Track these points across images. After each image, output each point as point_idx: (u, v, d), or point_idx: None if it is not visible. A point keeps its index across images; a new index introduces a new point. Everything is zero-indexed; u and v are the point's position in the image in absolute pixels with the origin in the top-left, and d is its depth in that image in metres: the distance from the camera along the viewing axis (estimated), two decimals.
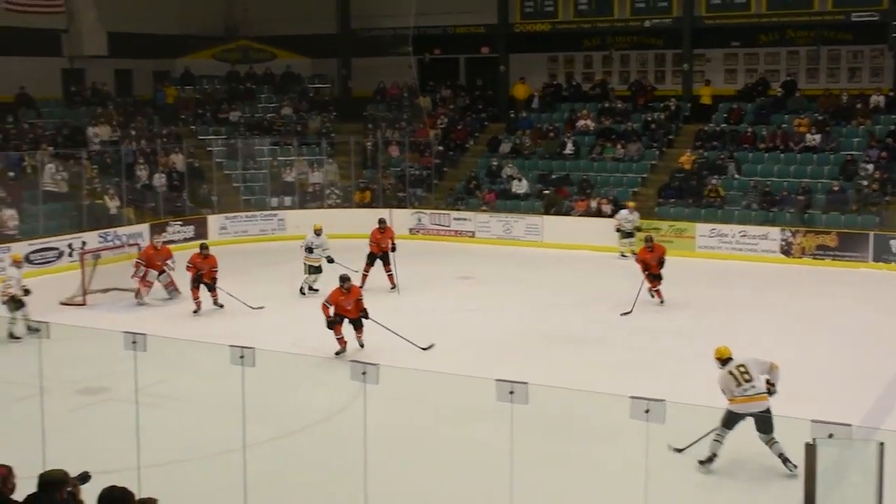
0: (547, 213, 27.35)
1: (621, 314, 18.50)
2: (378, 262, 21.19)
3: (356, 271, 20.24)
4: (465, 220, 28.10)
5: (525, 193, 28.48)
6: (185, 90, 33.50)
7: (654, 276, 19.32)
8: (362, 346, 15.91)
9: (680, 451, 11.04)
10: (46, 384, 10.41)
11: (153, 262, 20.27)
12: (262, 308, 19.21)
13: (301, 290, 20.63)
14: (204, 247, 19.96)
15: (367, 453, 8.79)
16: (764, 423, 10.71)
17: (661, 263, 19.50)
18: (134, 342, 11.12)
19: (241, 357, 8.76)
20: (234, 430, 9.35)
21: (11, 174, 25.42)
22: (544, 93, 32.32)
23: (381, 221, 21.79)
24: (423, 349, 15.43)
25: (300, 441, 12.26)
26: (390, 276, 21.04)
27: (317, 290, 20.27)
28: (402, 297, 20.64)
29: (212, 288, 19.33)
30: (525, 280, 22.33)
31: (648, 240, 20.05)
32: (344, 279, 15.92)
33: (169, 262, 20.36)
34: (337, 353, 15.59)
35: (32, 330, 16.21)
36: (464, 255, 25.85)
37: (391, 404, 11.55)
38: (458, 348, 16.28)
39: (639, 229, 24.39)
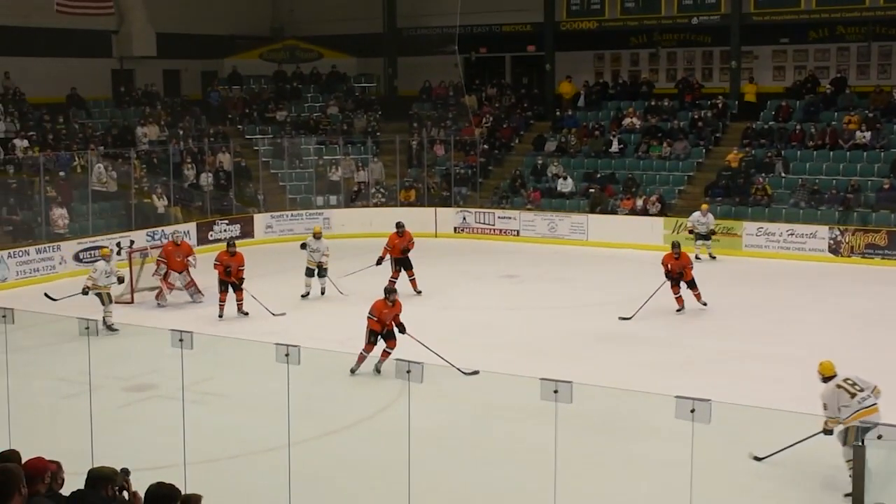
0: (592, 211, 27.21)
1: (620, 317, 17.95)
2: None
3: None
4: (509, 218, 28.05)
5: (570, 192, 28.36)
6: (232, 90, 33.76)
7: (675, 281, 18.60)
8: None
9: (760, 459, 10.96)
10: (94, 381, 10.53)
11: (172, 259, 19.91)
12: (283, 315, 18.56)
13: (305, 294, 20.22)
14: (231, 244, 19.49)
15: (411, 452, 8.80)
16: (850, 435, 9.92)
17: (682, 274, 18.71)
18: (181, 340, 11.22)
19: (287, 355, 8.81)
20: (279, 428, 9.41)
21: (62, 174, 25.74)
22: (590, 91, 32.18)
23: (399, 225, 21.24)
24: (466, 374, 14.09)
25: (345, 439, 12.30)
26: (413, 281, 20.65)
27: (307, 295, 20.16)
28: (448, 295, 20.62)
29: (238, 288, 18.72)
30: (570, 279, 22.24)
31: (675, 246, 19.19)
32: (390, 291, 15.23)
33: (190, 258, 19.97)
34: (352, 371, 14.57)
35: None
36: (509, 253, 25.80)
37: (435, 403, 11.58)
38: (503, 347, 16.26)
39: (713, 232, 24.04)
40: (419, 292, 20.47)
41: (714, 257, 23.92)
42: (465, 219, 28.65)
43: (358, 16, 34.26)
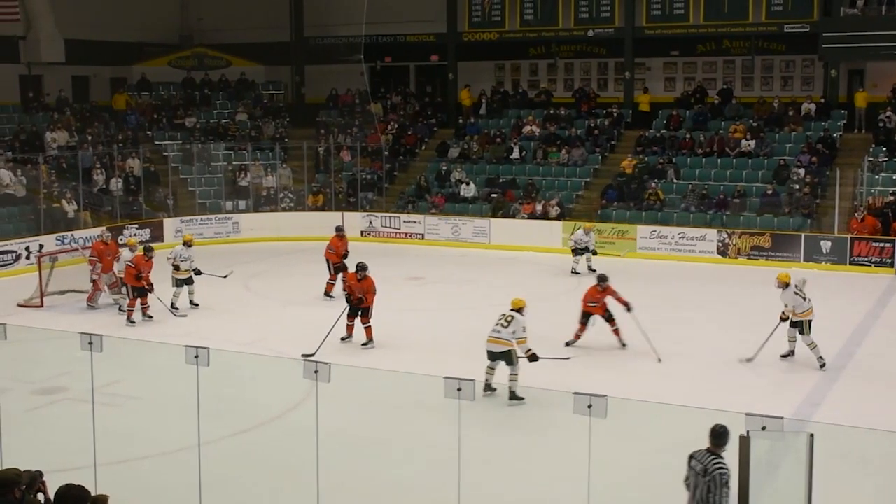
0: (494, 215, 27.40)
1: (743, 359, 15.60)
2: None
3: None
4: (414, 222, 28.08)
5: (473, 197, 28.52)
6: (141, 96, 33.18)
7: (606, 318, 16.55)
8: (369, 340, 16.43)
9: (750, 359, 14.92)
10: (3, 384, 10.26)
11: (104, 257, 19.49)
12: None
13: (172, 305, 18.95)
14: (149, 249, 18.84)
15: (320, 451, 8.76)
16: (806, 328, 14.96)
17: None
18: (90, 343, 10.99)
19: (196, 357, 8.71)
20: (189, 429, 9.28)
21: None
22: (491, 99, 32.40)
23: (339, 229, 21.14)
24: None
25: (254, 439, 12.17)
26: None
27: (197, 305, 19.35)
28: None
29: (143, 293, 18.18)
30: (473, 281, 22.36)
31: (602, 279, 16.62)
32: (361, 267, 16.60)
33: (118, 257, 19.53)
34: (343, 339, 16.54)
35: (193, 304, 19.17)
36: (414, 256, 25.82)
37: (342, 402, 11.53)
38: (408, 347, 16.28)
39: (594, 253, 23.24)
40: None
41: (593, 270, 22.25)
42: (371, 223, 28.60)
43: (266, 24, 33.99)
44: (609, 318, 16.34)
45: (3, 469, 6.73)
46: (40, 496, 6.97)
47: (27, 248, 23.60)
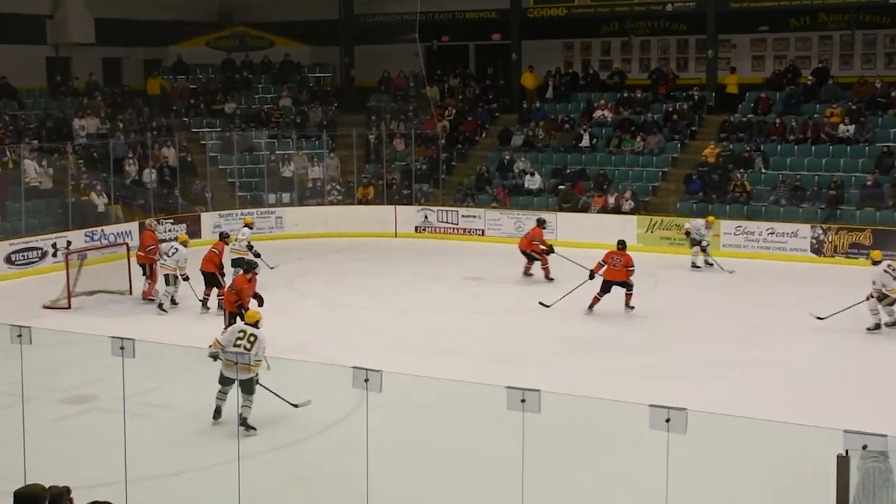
0: (562, 209, 27.31)
1: (815, 316, 17.86)
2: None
3: (272, 267, 21.49)
4: (474, 217, 28.08)
5: (538, 189, 28.45)
6: (177, 80, 33.55)
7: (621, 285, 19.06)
8: None
9: (822, 318, 16.95)
10: (28, 392, 10.41)
11: (158, 247, 20.35)
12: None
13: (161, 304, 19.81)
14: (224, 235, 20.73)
15: (370, 465, 8.78)
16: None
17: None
18: (122, 348, 11.10)
19: (236, 364, 8.77)
20: (229, 441, 9.35)
21: None
22: (559, 82, 32.28)
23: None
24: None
25: (299, 453, 12.24)
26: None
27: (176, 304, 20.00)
28: (408, 299, 20.63)
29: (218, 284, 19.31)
30: (538, 281, 22.29)
31: (621, 244, 19.53)
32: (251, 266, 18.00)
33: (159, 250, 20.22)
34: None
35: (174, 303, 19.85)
36: (473, 254, 25.81)
37: (395, 412, 11.54)
38: (467, 353, 16.27)
39: (704, 249, 23.33)
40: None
41: (711, 264, 23.22)
42: (426, 217, 28.64)
43: (312, 1, 34.13)
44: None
45: (28, 485, 6.79)
46: None
47: (54, 245, 23.97)
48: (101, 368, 12.28)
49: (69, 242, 23.81)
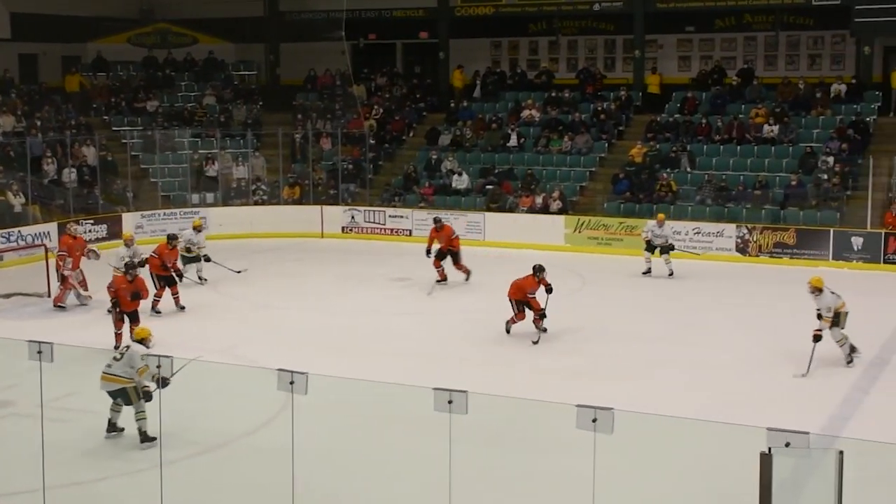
0: (489, 209, 27.40)
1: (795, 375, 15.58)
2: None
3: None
4: (401, 217, 28.06)
5: (466, 189, 28.52)
6: (97, 77, 33.10)
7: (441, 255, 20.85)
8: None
9: (804, 375, 14.86)
10: None
11: (73, 252, 19.81)
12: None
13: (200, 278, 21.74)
14: (172, 237, 20.20)
15: (296, 469, 8.75)
16: (843, 320, 15.55)
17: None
18: (39, 351, 10.93)
19: (158, 367, 8.70)
20: (150, 448, 9.25)
21: None
22: (486, 81, 32.40)
23: (437, 220, 22.67)
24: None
25: (222, 458, 12.13)
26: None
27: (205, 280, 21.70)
28: (335, 301, 20.59)
29: (172, 282, 19.51)
30: (466, 281, 22.33)
31: (437, 220, 22.23)
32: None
33: (87, 252, 20.03)
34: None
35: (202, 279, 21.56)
36: (400, 255, 25.79)
37: (321, 415, 11.51)
38: (394, 354, 16.27)
39: (672, 246, 22.77)
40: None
41: (671, 273, 22.58)
42: (353, 218, 28.56)
43: None
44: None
45: None
46: None
47: None
48: (17, 373, 12.11)
49: None
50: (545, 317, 17.20)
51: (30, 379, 11.93)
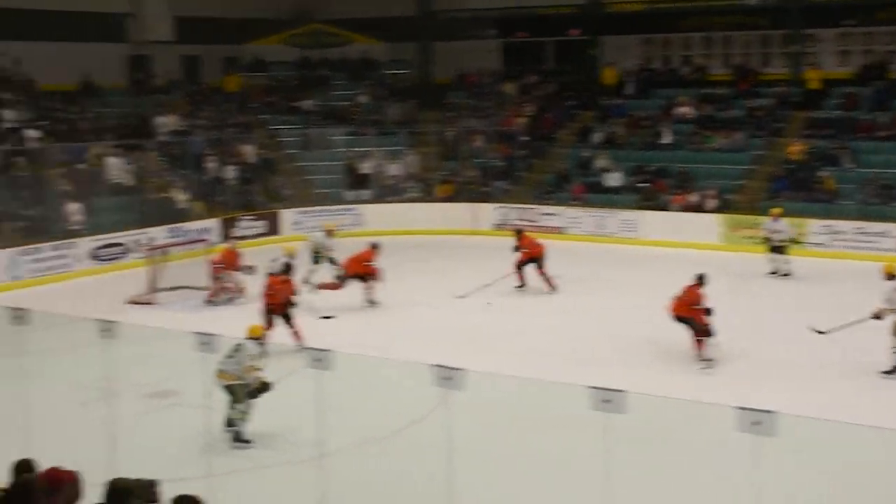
0: (642, 207, 27.15)
1: (815, 329, 16.34)
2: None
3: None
4: (553, 214, 28.02)
5: (618, 186, 28.31)
6: (255, 77, 33.94)
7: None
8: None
9: (822, 332, 14.95)
10: (114, 387, 10.62)
11: (232, 264, 20.46)
12: (332, 317, 18.86)
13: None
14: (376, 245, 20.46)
15: (453, 464, 8.80)
16: None
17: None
18: (205, 343, 11.28)
19: (319, 360, 8.83)
20: (311, 438, 9.43)
21: (81, 166, 25.97)
22: (639, 78, 32.05)
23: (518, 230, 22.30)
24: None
25: (380, 450, 12.31)
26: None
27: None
28: (486, 298, 20.64)
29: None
30: (619, 280, 22.15)
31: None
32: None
33: (244, 267, 20.56)
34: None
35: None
36: (552, 252, 25.65)
37: (477, 413, 11.56)
38: (546, 353, 16.24)
39: (792, 241, 22.42)
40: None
41: (787, 274, 22.17)
42: (505, 215, 28.62)
43: None
44: None
45: (118, 478, 6.93)
46: None
47: (136, 241, 24.39)
48: (183, 364, 12.50)
49: (151, 239, 24.21)
50: (709, 334, 15.48)
51: (195, 370, 12.37)
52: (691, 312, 15.51)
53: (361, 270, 19.93)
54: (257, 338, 12.91)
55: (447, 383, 8.43)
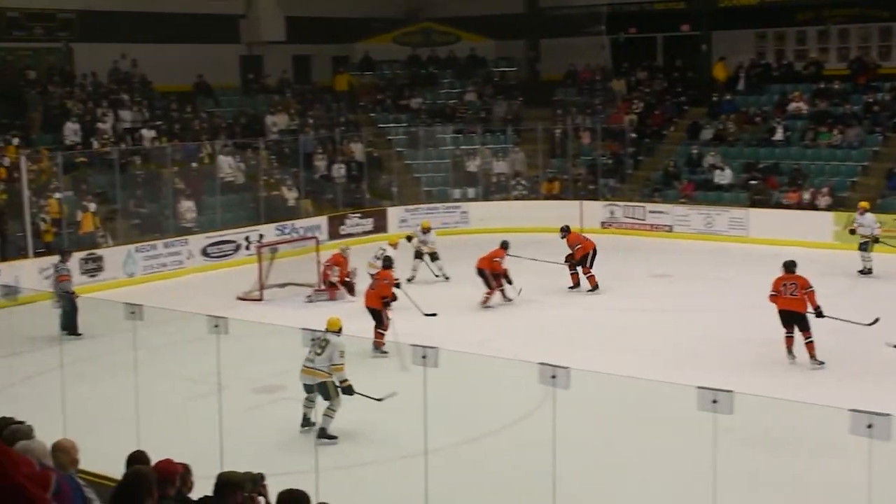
0: (753, 205, 26.67)
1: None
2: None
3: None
4: (662, 213, 27.75)
5: (729, 184, 27.88)
6: (364, 76, 34.24)
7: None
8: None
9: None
10: (223, 381, 10.80)
11: (344, 269, 20.73)
12: (434, 315, 18.79)
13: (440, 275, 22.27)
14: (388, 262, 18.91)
15: (557, 464, 8.75)
16: None
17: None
18: (312, 340, 11.42)
19: (424, 357, 8.84)
20: (416, 434, 9.46)
21: (194, 164, 26.55)
22: (751, 73, 31.49)
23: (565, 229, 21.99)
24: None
25: (485, 447, 12.33)
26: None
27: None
28: (594, 297, 20.52)
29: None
30: (728, 279, 21.81)
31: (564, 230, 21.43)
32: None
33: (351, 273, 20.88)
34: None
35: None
36: (660, 251, 25.47)
37: (581, 410, 11.48)
38: (654, 352, 16.07)
39: (876, 240, 21.85)
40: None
41: (869, 271, 21.70)
42: (612, 213, 28.44)
43: None
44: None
45: (228, 471, 7.07)
46: (261, 500, 7.30)
47: (247, 238, 24.82)
48: (291, 359, 12.67)
49: (261, 236, 24.62)
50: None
51: (300, 366, 12.54)
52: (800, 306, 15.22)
53: (491, 268, 19.82)
54: (337, 331, 12.87)
55: (552, 381, 8.38)
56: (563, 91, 33.59)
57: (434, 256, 22.30)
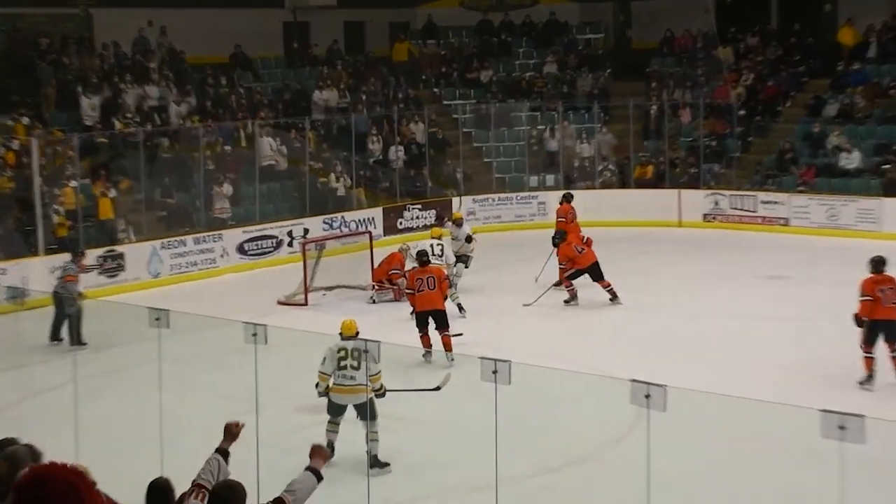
0: (886, 194, 26.34)
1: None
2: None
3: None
4: (776, 203, 27.56)
5: (857, 169, 27.58)
6: (427, 45, 34.24)
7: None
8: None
9: None
10: (262, 398, 10.78)
11: (402, 270, 20.72)
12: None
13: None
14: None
15: (651, 499, 8.65)
16: None
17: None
18: (365, 351, 11.34)
19: (494, 372, 8.77)
20: (485, 463, 9.40)
21: (227, 147, 26.64)
22: (884, 39, 31.04)
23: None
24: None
25: (567, 478, 12.22)
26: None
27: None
28: (696, 300, 20.35)
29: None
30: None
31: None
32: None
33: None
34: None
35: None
36: (774, 248, 25.22)
37: (679, 434, 11.35)
38: (767, 367, 15.90)
39: None
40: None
41: None
42: (717, 203, 28.28)
43: None
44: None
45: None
46: None
47: (290, 233, 24.91)
48: None
49: (306, 231, 24.72)
50: None
51: None
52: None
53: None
54: (354, 335, 12.71)
55: (646, 401, 8.27)
56: (659, 61, 33.46)
57: (462, 258, 21.45)
